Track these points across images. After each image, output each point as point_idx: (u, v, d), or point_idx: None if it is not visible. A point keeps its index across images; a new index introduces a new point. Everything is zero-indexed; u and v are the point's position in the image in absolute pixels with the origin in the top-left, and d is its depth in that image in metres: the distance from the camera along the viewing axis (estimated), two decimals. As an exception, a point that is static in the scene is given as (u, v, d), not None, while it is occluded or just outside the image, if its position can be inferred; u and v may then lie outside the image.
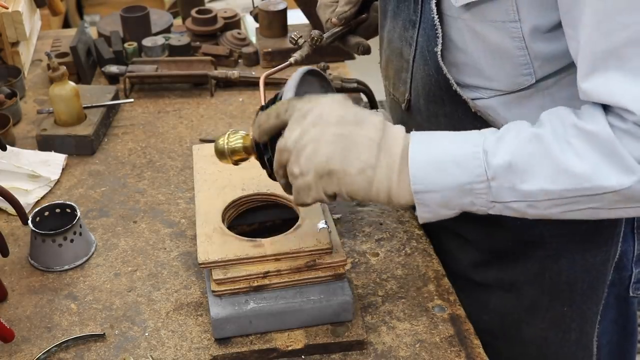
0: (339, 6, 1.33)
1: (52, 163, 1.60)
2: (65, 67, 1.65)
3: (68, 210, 1.38)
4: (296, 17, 2.12)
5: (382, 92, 1.43)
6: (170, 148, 1.68)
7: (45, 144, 1.65)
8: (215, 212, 1.24)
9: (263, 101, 1.16)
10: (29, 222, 1.33)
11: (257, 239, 1.18)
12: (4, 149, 1.50)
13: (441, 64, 1.15)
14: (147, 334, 1.21)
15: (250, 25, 2.24)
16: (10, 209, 1.46)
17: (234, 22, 2.11)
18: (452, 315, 1.24)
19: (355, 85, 1.86)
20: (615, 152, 0.94)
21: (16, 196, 1.31)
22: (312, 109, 1.02)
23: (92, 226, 1.45)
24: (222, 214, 1.24)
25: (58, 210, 1.39)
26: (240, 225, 1.29)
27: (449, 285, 1.30)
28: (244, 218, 1.30)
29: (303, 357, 1.17)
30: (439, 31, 1.13)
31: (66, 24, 3.89)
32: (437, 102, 1.20)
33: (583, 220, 1.20)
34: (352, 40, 1.35)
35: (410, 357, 1.17)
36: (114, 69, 1.89)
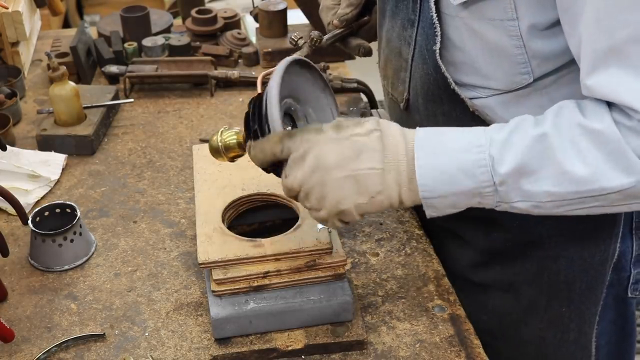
0: (340, 8, 1.33)
1: (52, 163, 1.60)
2: (65, 67, 1.65)
3: (68, 210, 1.38)
4: (296, 17, 2.12)
5: (381, 91, 1.43)
6: (170, 148, 1.68)
7: (45, 144, 1.65)
8: (215, 212, 1.24)
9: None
10: (29, 222, 1.33)
11: (257, 239, 1.18)
12: (4, 149, 1.50)
13: (439, 63, 1.15)
14: (147, 334, 1.21)
15: (250, 25, 2.24)
16: (10, 209, 1.46)
17: (234, 22, 2.11)
18: (452, 315, 1.24)
19: (355, 85, 1.86)
20: (619, 151, 0.95)
21: (16, 196, 1.31)
22: (308, 151, 1.02)
23: (92, 226, 1.45)
24: (222, 214, 1.24)
25: (58, 210, 1.39)
26: (240, 225, 1.29)
27: (449, 285, 1.30)
28: (244, 218, 1.30)
29: (303, 357, 1.17)
30: (438, 30, 1.13)
31: (66, 24, 3.89)
32: (436, 102, 1.20)
33: (581, 221, 1.20)
34: (353, 42, 1.35)
35: (410, 357, 1.17)
36: (114, 69, 1.89)
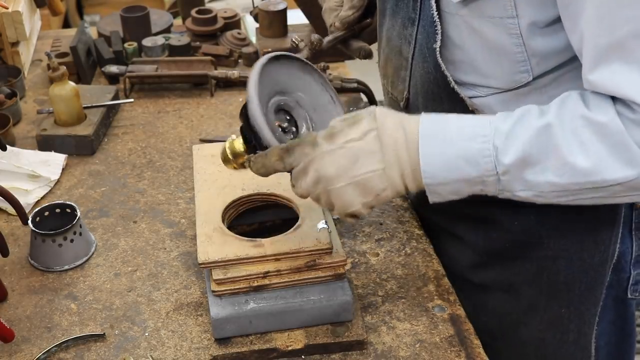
0: (342, 10, 1.33)
1: (52, 163, 1.60)
2: (65, 67, 1.65)
3: (68, 210, 1.38)
4: (296, 17, 2.12)
5: (381, 91, 1.43)
6: (170, 148, 1.68)
7: (45, 144, 1.65)
8: (215, 212, 1.24)
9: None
10: (29, 222, 1.33)
11: (257, 239, 1.18)
12: (4, 149, 1.50)
13: (440, 61, 1.15)
14: (147, 334, 1.21)
15: (250, 25, 2.24)
16: (10, 209, 1.46)
17: (234, 22, 2.11)
18: (452, 315, 1.24)
19: (355, 85, 1.86)
20: (622, 143, 0.96)
21: (16, 196, 1.31)
22: (308, 164, 1.05)
23: (92, 226, 1.45)
24: (222, 214, 1.24)
25: (58, 210, 1.39)
26: (240, 225, 1.29)
27: (449, 285, 1.30)
28: (244, 218, 1.30)
29: (303, 357, 1.17)
30: (439, 28, 1.13)
31: (66, 24, 3.89)
32: (436, 100, 1.20)
33: (580, 221, 1.21)
34: (354, 45, 1.35)
35: (410, 357, 1.17)
36: (114, 69, 1.89)
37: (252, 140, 1.11)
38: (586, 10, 0.96)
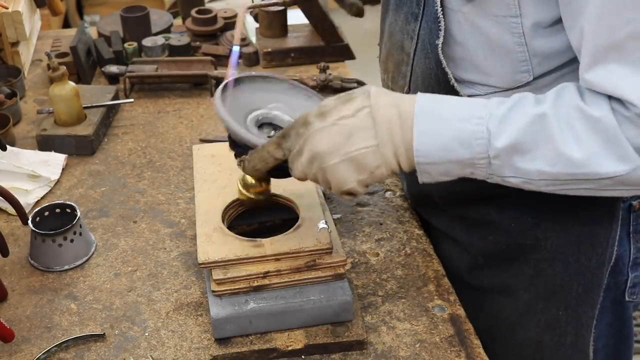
0: None
1: (52, 163, 1.60)
2: (65, 67, 1.65)
3: (68, 210, 1.38)
4: (296, 17, 2.12)
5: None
6: (170, 148, 1.68)
7: (45, 144, 1.65)
8: (215, 212, 1.24)
9: (238, 36, 1.15)
10: (29, 222, 1.33)
11: (257, 239, 1.18)
12: (4, 149, 1.50)
13: (441, 58, 1.15)
14: (147, 334, 1.21)
15: (250, 25, 2.24)
16: (10, 209, 1.46)
17: (234, 22, 2.11)
18: (452, 315, 1.24)
19: (355, 85, 1.86)
20: (615, 139, 0.96)
21: (16, 196, 1.31)
22: (304, 145, 1.04)
23: (92, 226, 1.45)
24: (222, 214, 1.24)
25: (58, 210, 1.39)
26: (240, 225, 1.29)
27: (449, 285, 1.30)
28: (244, 218, 1.30)
29: (303, 357, 1.17)
30: (442, 24, 1.12)
31: (66, 24, 3.90)
32: None
33: (577, 224, 1.21)
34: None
35: (410, 357, 1.17)
36: (114, 69, 1.89)
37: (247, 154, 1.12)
38: (588, 8, 0.96)
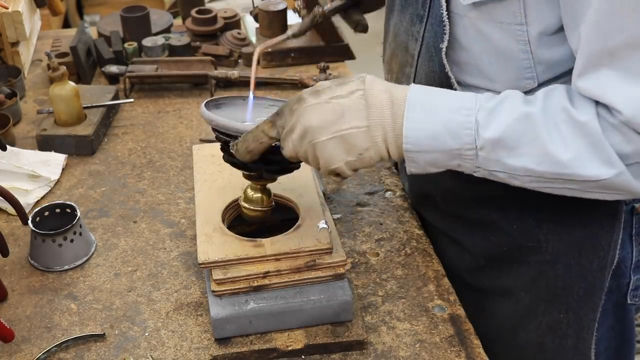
0: None
1: (52, 163, 1.60)
2: (65, 67, 1.65)
3: (68, 210, 1.38)
4: (296, 17, 2.12)
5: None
6: (170, 148, 1.68)
7: (45, 144, 1.65)
8: (215, 212, 1.24)
9: (253, 83, 1.17)
10: (29, 222, 1.33)
11: (257, 239, 1.18)
12: (4, 149, 1.50)
13: (444, 62, 1.15)
14: (147, 334, 1.21)
15: (250, 25, 2.24)
16: (10, 209, 1.46)
17: (234, 22, 2.11)
18: (452, 315, 1.24)
19: (355, 85, 1.85)
20: (600, 145, 0.97)
21: (16, 196, 1.31)
22: (296, 122, 1.05)
23: (92, 226, 1.45)
24: (222, 214, 1.24)
25: (58, 210, 1.39)
26: (240, 225, 1.29)
27: (449, 285, 1.30)
28: (244, 218, 1.30)
29: (303, 357, 1.17)
30: (447, 28, 1.13)
31: (66, 24, 3.89)
32: None
33: (579, 226, 1.20)
34: (354, 17, 1.35)
35: (410, 357, 1.17)
36: (114, 69, 1.89)
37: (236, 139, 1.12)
38: (587, 14, 0.96)
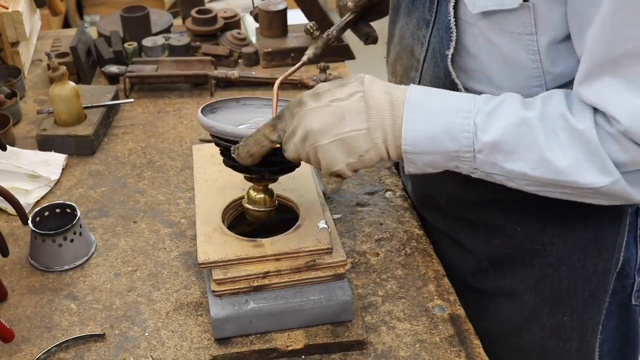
0: None
1: (52, 163, 1.60)
2: (65, 67, 1.65)
3: (68, 210, 1.38)
4: (296, 17, 2.12)
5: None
6: (170, 148, 1.68)
7: (45, 144, 1.65)
8: (215, 212, 1.24)
9: (274, 111, 1.18)
10: (29, 222, 1.33)
11: (257, 239, 1.18)
12: (4, 149, 1.50)
13: (450, 69, 1.15)
14: (147, 334, 1.21)
15: (250, 25, 2.24)
16: (10, 209, 1.46)
17: (234, 22, 2.11)
18: (452, 315, 1.24)
19: (355, 85, 1.85)
20: (596, 153, 0.98)
21: (16, 196, 1.31)
22: (297, 125, 1.05)
23: (92, 226, 1.45)
24: (222, 214, 1.24)
25: (58, 210, 1.39)
26: (240, 225, 1.29)
27: (449, 285, 1.30)
28: (244, 218, 1.30)
29: (303, 357, 1.17)
30: (454, 35, 1.12)
31: (66, 24, 3.90)
32: None
33: (584, 229, 1.20)
34: (363, 29, 1.35)
35: (410, 357, 1.17)
36: (114, 69, 1.89)
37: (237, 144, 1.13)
38: (594, 23, 0.96)
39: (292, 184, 1.27)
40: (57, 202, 1.40)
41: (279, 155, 1.10)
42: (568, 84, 1.10)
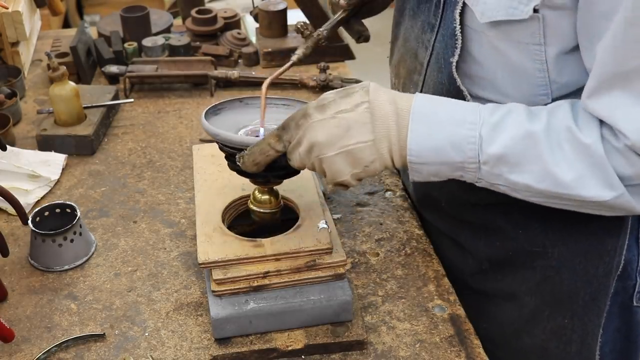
0: None
1: (52, 163, 1.60)
2: (65, 67, 1.65)
3: (68, 210, 1.38)
4: (296, 17, 2.11)
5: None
6: (170, 148, 1.68)
7: (45, 144, 1.65)
8: (215, 212, 1.24)
9: (263, 111, 1.17)
10: (29, 222, 1.33)
11: (257, 239, 1.18)
12: (4, 149, 1.50)
13: (455, 76, 1.14)
14: (147, 334, 1.21)
15: (250, 25, 2.24)
16: (10, 209, 1.46)
17: (234, 22, 2.11)
18: (452, 315, 1.24)
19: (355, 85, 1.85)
20: (602, 167, 0.98)
21: (16, 196, 1.31)
22: (303, 136, 1.05)
23: (92, 226, 1.45)
24: (222, 214, 1.24)
25: (58, 210, 1.39)
26: (240, 225, 1.29)
27: (449, 285, 1.30)
28: (244, 218, 1.30)
29: (303, 357, 1.17)
30: (459, 42, 1.12)
31: (66, 24, 3.90)
32: None
33: (586, 232, 1.20)
34: (355, 27, 1.34)
35: (410, 357, 1.17)
36: (114, 69, 1.89)
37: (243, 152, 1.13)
38: (605, 36, 0.96)
39: (292, 184, 1.27)
40: (57, 202, 1.40)
41: (283, 160, 1.10)
42: (574, 94, 1.10)
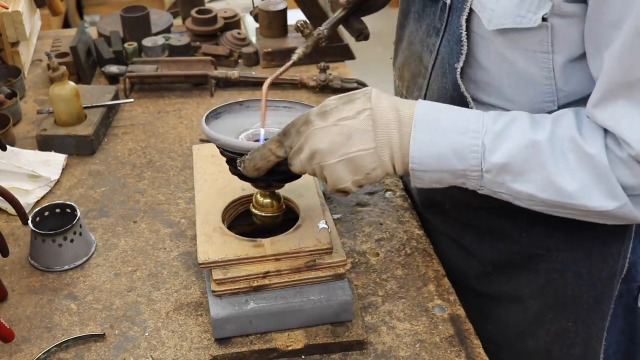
0: None
1: (52, 163, 1.60)
2: (65, 67, 1.65)
3: (68, 210, 1.38)
4: (296, 17, 2.10)
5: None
6: (170, 148, 1.68)
7: (45, 144, 1.65)
8: (215, 212, 1.24)
9: (264, 112, 1.17)
10: (29, 222, 1.33)
11: (257, 239, 1.18)
12: (4, 149, 1.50)
13: (459, 82, 1.14)
14: (147, 334, 1.21)
15: (250, 25, 2.24)
16: (10, 209, 1.46)
17: (234, 22, 2.11)
18: (452, 315, 1.24)
19: (355, 85, 1.86)
20: (606, 178, 0.98)
21: (16, 196, 1.31)
22: (304, 143, 1.05)
23: (92, 226, 1.45)
24: (222, 214, 1.24)
25: (58, 210, 1.39)
26: (240, 225, 1.29)
27: (449, 285, 1.30)
28: (244, 218, 1.30)
29: (303, 357, 1.17)
30: (464, 48, 1.11)
31: (66, 24, 3.90)
32: None
33: (590, 236, 1.20)
34: (355, 25, 1.34)
35: (410, 357, 1.17)
36: (114, 69, 1.89)
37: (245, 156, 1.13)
38: (613, 46, 0.96)
39: (292, 184, 1.27)
40: (57, 202, 1.40)
41: (284, 165, 1.09)
42: (580, 101, 1.10)
